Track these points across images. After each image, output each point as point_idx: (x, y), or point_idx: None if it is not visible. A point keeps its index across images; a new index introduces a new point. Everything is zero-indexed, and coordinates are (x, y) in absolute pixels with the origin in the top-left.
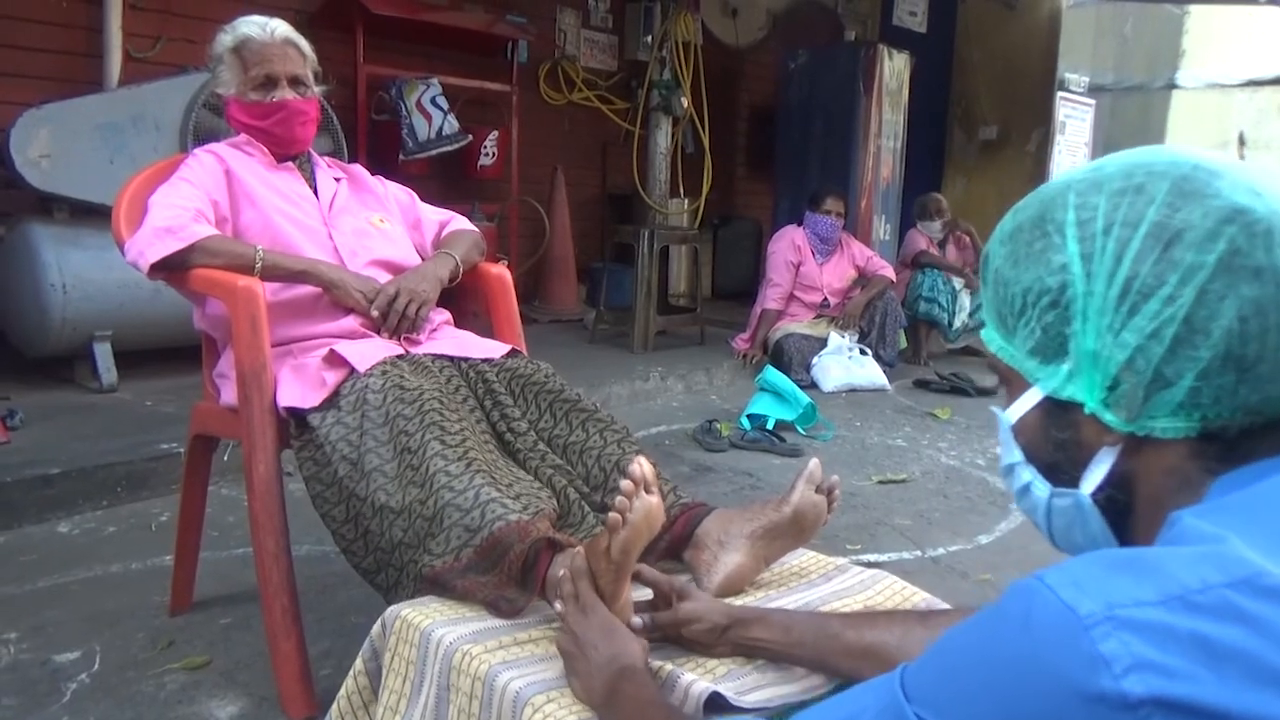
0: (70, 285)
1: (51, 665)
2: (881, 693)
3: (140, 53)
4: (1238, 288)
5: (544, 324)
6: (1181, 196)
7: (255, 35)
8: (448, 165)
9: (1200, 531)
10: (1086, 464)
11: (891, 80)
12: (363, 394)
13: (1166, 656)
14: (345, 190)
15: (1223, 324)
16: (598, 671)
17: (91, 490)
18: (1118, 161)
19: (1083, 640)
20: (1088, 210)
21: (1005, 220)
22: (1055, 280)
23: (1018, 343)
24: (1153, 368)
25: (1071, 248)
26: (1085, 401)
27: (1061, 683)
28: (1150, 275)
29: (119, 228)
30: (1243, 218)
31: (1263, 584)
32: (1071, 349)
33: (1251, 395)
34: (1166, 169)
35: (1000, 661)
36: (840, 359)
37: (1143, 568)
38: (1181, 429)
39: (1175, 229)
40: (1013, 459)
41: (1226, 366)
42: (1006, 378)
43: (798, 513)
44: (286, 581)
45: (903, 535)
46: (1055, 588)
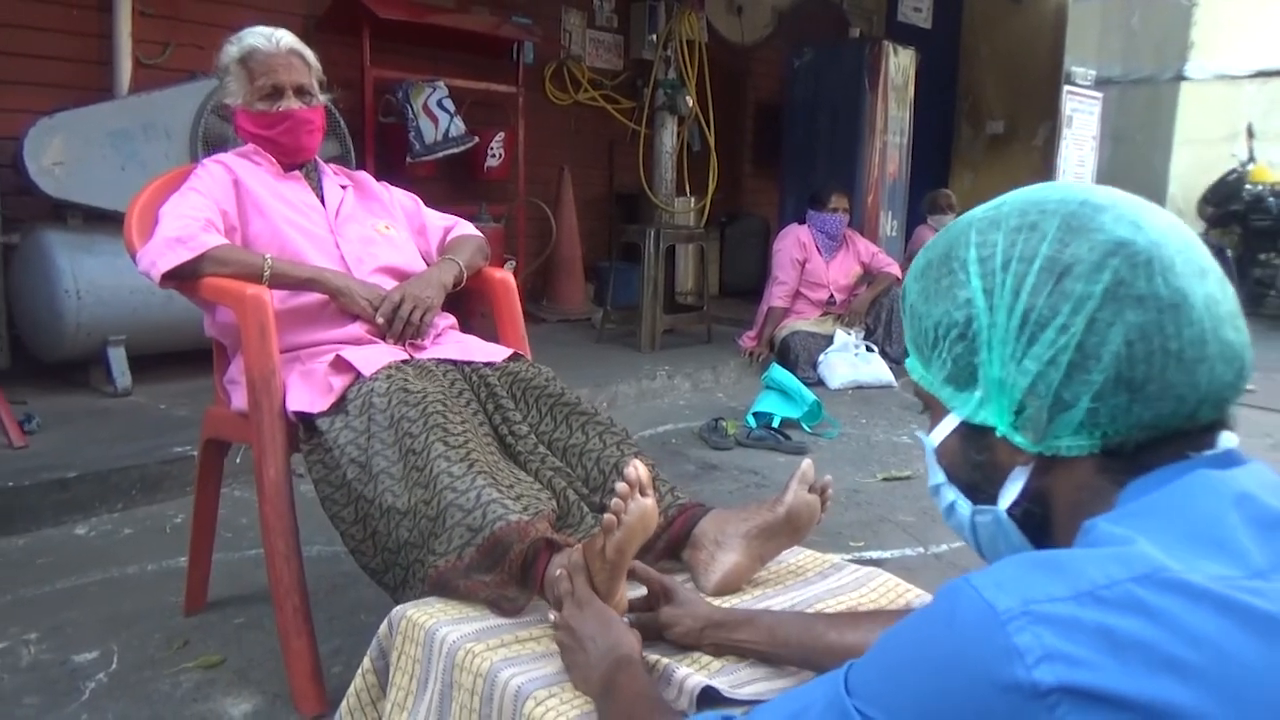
0: (84, 291)
1: (70, 665)
2: (828, 687)
3: (150, 59)
4: (1124, 314)
5: (552, 323)
6: (1070, 232)
7: (261, 46)
8: (455, 167)
9: (1111, 535)
10: (1003, 483)
11: (897, 76)
12: (369, 398)
13: (1073, 647)
14: (351, 198)
15: (1112, 349)
16: (595, 663)
17: (107, 493)
18: (1015, 200)
19: (999, 634)
20: (987, 247)
21: (918, 257)
22: (961, 314)
23: (934, 372)
24: (1052, 392)
25: (975, 283)
26: (996, 425)
27: (981, 674)
28: (1045, 306)
29: (131, 238)
30: (1124, 250)
31: (1163, 578)
32: (980, 377)
33: (1144, 413)
34: (1057, 206)
35: (929, 656)
36: (846, 356)
37: (1057, 567)
38: (1085, 446)
39: (1066, 263)
40: (938, 480)
41: (1119, 388)
42: (929, 404)
43: (792, 512)
44: (297, 582)
45: (905, 532)
46: (979, 587)
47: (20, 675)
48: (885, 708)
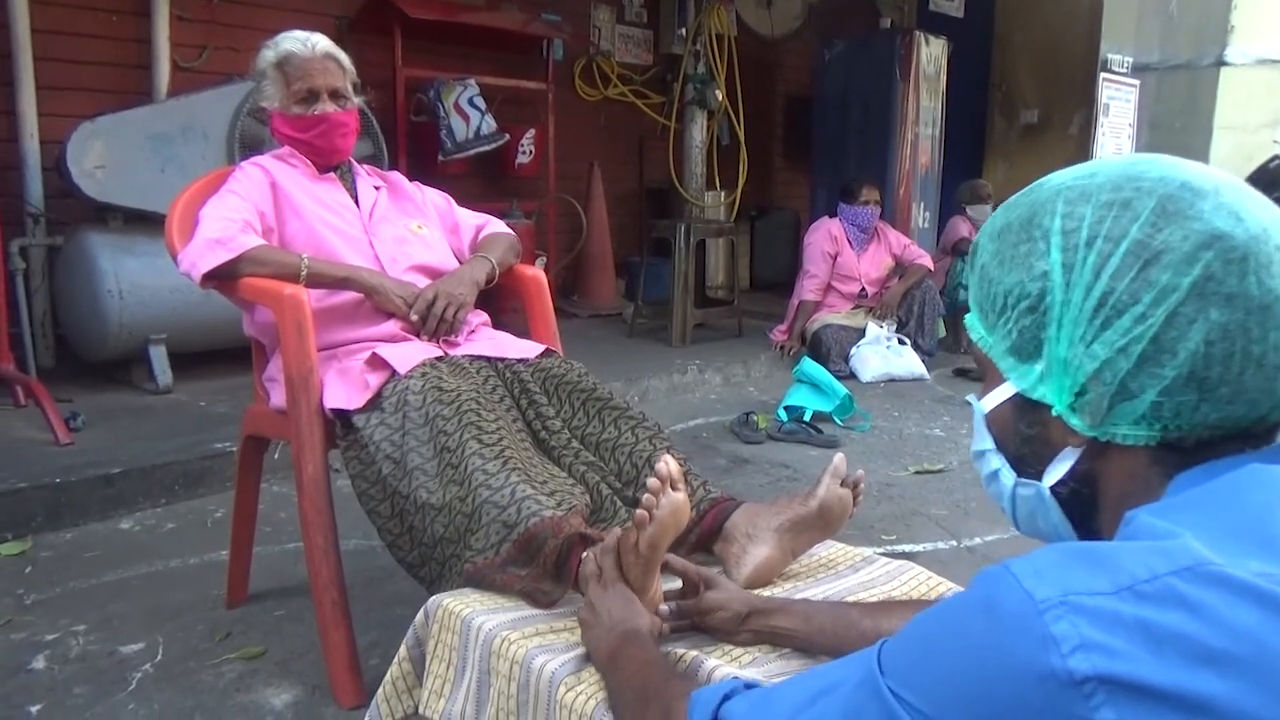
0: (126, 291)
1: (118, 656)
2: (860, 666)
3: (187, 63)
4: (1208, 312)
5: (583, 319)
6: (1165, 216)
7: (297, 51)
8: (486, 164)
9: (1153, 527)
10: (1051, 460)
11: (929, 66)
12: (403, 395)
13: (1111, 638)
14: (385, 199)
15: (1190, 346)
16: (606, 636)
17: (151, 488)
18: (1109, 170)
19: (1037, 623)
20: (1074, 220)
21: (996, 215)
22: (1036, 286)
23: (996, 338)
24: (1119, 380)
25: (1054, 256)
26: (1054, 404)
27: (1016, 661)
28: (1126, 292)
29: (172, 239)
30: (1220, 243)
31: (1204, 571)
32: (1045, 353)
33: (1212, 414)
34: (1154, 185)
35: (965, 640)
36: (878, 349)
37: (1099, 560)
38: (1142, 438)
39: (1155, 249)
40: (984, 446)
41: (1189, 386)
42: (984, 367)
43: (824, 506)
44: (335, 576)
45: (939, 525)
46: (1019, 575)
47: (70, 666)
48: (919, 690)
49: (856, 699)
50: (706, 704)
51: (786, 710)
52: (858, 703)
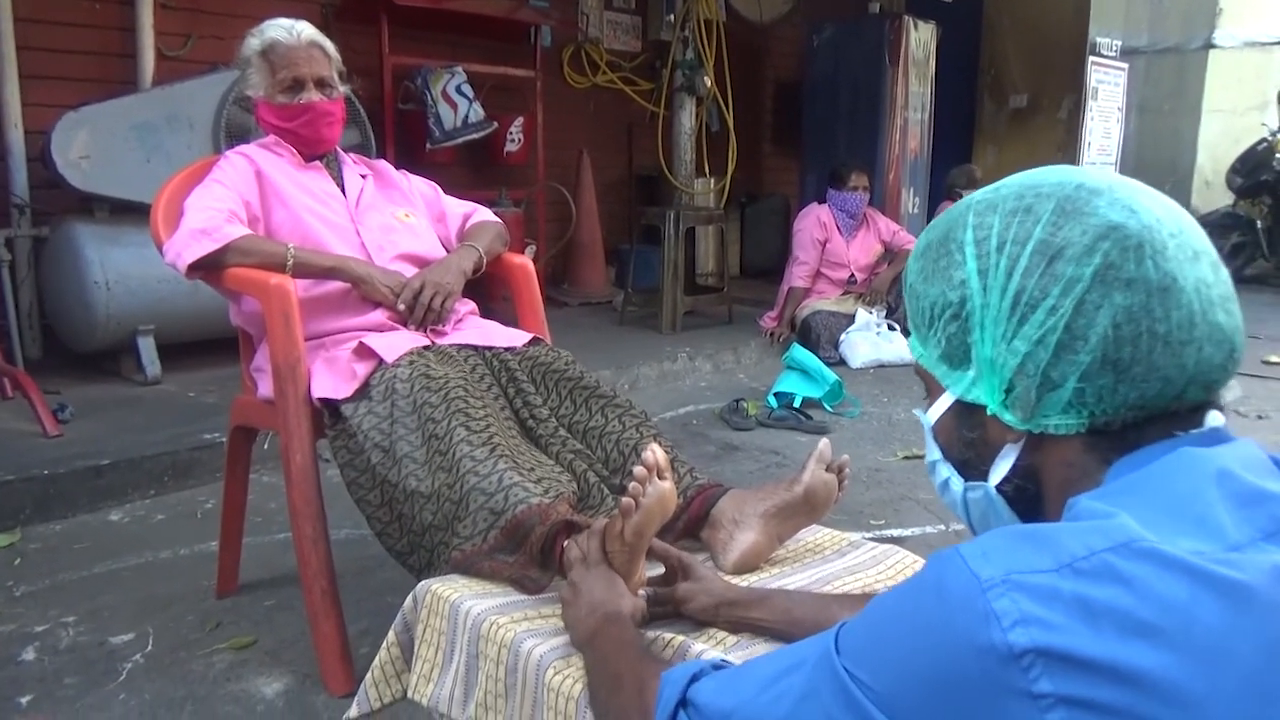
0: (113, 282)
1: (108, 646)
2: (820, 646)
3: (172, 51)
4: (1112, 297)
5: (573, 307)
6: (1064, 215)
7: (282, 39)
8: (474, 152)
9: (1093, 510)
10: (994, 459)
11: (918, 51)
12: (391, 384)
13: (1049, 613)
14: (371, 187)
15: (1099, 331)
16: (585, 616)
17: (140, 480)
18: (1012, 183)
19: (980, 600)
20: (984, 229)
21: (920, 238)
22: (956, 294)
23: (930, 350)
24: (1041, 371)
25: (970, 264)
26: (987, 404)
27: (959, 636)
28: (1036, 288)
29: (157, 230)
30: (1116, 234)
31: (1138, 548)
32: (973, 356)
33: (1130, 393)
34: (1053, 190)
35: (914, 620)
36: (868, 335)
37: (1041, 540)
38: (1073, 425)
39: (1058, 245)
40: (934, 456)
41: (1105, 369)
42: (927, 382)
43: (809, 491)
44: (325, 565)
45: (927, 510)
46: (966, 557)
47: (60, 657)
48: (870, 668)
49: (814, 678)
50: (676, 682)
51: (751, 688)
52: (816, 681)
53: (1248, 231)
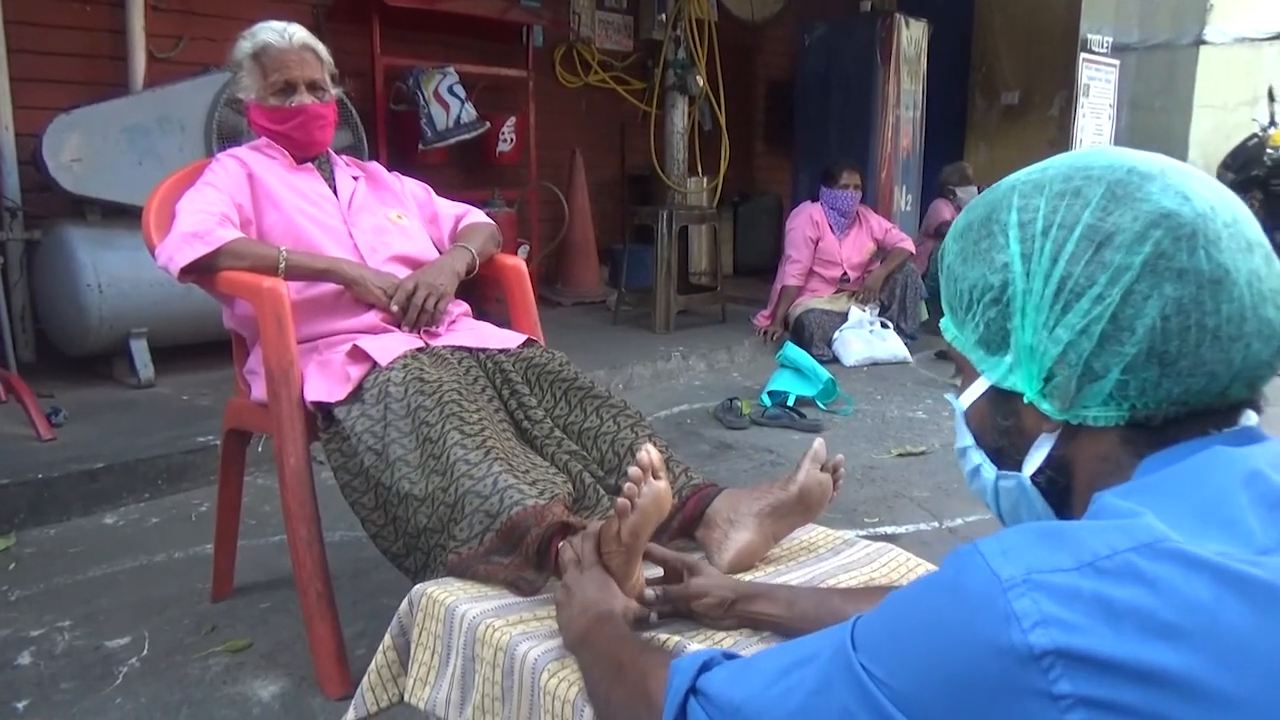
0: (106, 285)
1: (104, 650)
2: (835, 639)
3: (163, 53)
4: (1161, 288)
5: (567, 307)
6: (1114, 200)
7: (274, 42)
8: (467, 153)
9: (1117, 508)
10: (1028, 449)
11: (910, 49)
12: (385, 387)
13: (1070, 614)
14: (363, 188)
15: (1146, 322)
16: (578, 616)
17: (134, 483)
18: (1060, 164)
19: (1000, 600)
20: (1029, 212)
21: (959, 218)
22: (998, 278)
23: (967, 334)
24: (1083, 361)
25: (1013, 248)
26: (1025, 391)
27: (979, 636)
28: (1082, 275)
29: (149, 233)
30: (1169, 221)
31: (1162, 548)
32: (1012, 343)
33: (1174, 388)
34: (1103, 173)
35: (932, 618)
36: (861, 333)
37: (1063, 538)
38: (1112, 418)
39: (1106, 232)
40: (965, 443)
41: (1150, 361)
42: (960, 365)
43: (804, 490)
44: (320, 568)
45: (921, 507)
46: (986, 555)
47: (56, 661)
48: (887, 665)
49: (829, 672)
50: (686, 671)
51: (763, 679)
52: (830, 675)
53: None
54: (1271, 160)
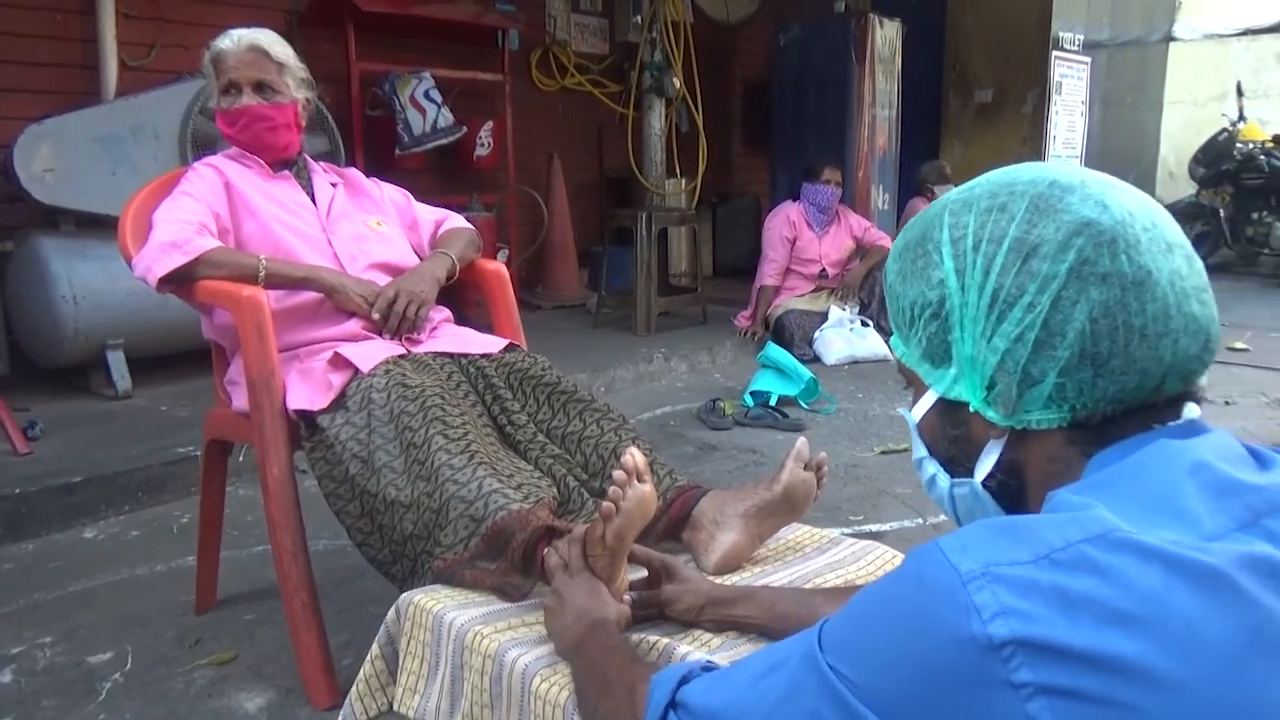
0: (80, 296)
1: (86, 666)
2: (804, 642)
3: (135, 61)
4: (1088, 293)
5: (547, 310)
6: (1038, 213)
7: (225, 46)
8: (444, 158)
9: (1070, 503)
10: (978, 456)
11: (884, 49)
12: (368, 394)
13: (1028, 604)
14: (342, 195)
15: (1076, 326)
16: (571, 624)
17: (113, 496)
18: (986, 182)
19: (961, 593)
20: (959, 229)
21: (898, 238)
22: (935, 294)
23: (912, 349)
24: (1020, 368)
25: (947, 264)
26: (970, 400)
27: (941, 629)
28: (1013, 286)
29: (125, 244)
30: (1089, 229)
31: (1115, 538)
32: (954, 355)
33: (1109, 387)
34: (1026, 188)
35: (895, 614)
36: (842, 332)
37: (1019, 532)
38: (1053, 420)
39: (1033, 243)
40: (920, 453)
41: (1084, 363)
42: (910, 380)
43: (788, 490)
44: (305, 577)
45: (904, 504)
46: (946, 551)
47: (38, 678)
48: (852, 662)
49: (799, 674)
50: (665, 684)
51: (739, 686)
52: (800, 677)
53: (1211, 220)
54: (1241, 154)
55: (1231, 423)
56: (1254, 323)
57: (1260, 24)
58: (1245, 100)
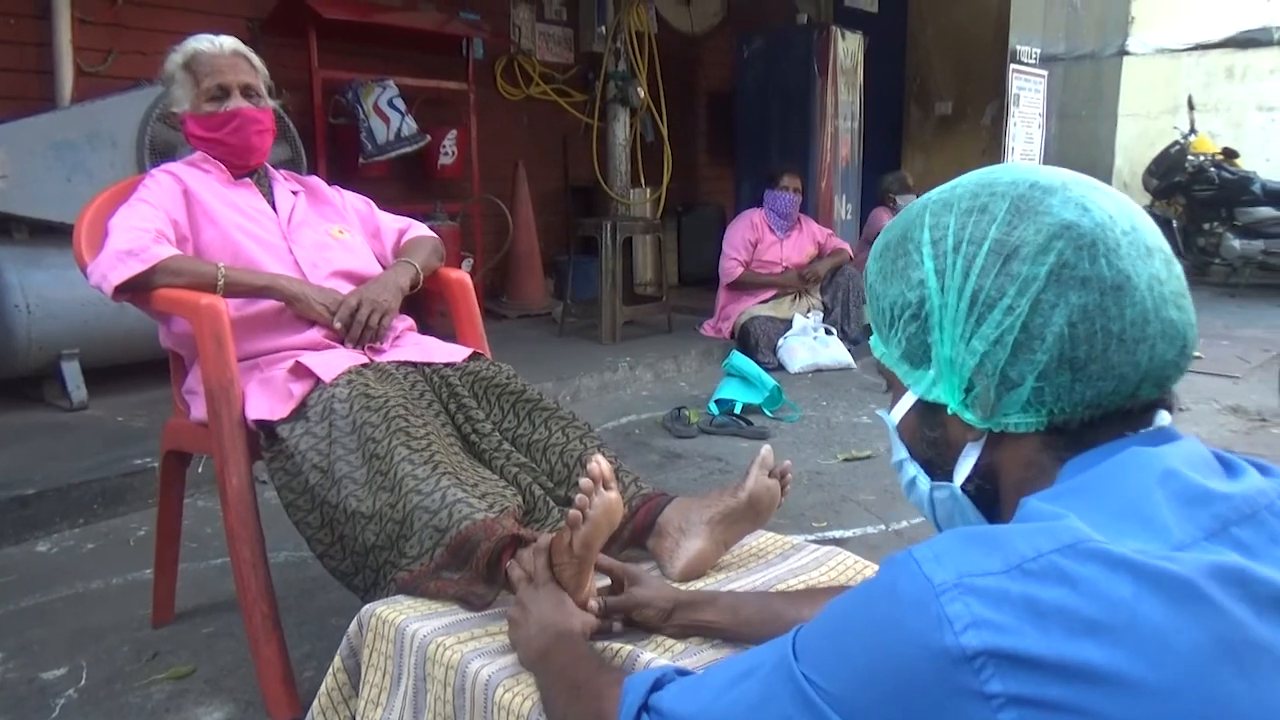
0: (34, 305)
1: (39, 683)
2: (777, 651)
3: (92, 67)
4: (1067, 296)
5: (512, 319)
6: (1018, 214)
7: (205, 49)
8: (408, 166)
9: (1041, 511)
10: (956, 459)
11: (846, 60)
12: (329, 403)
13: (999, 615)
14: (303, 203)
15: (1055, 330)
16: (536, 635)
17: (68, 509)
18: (968, 182)
19: (934, 604)
20: (940, 230)
21: (879, 238)
22: (915, 295)
23: (891, 350)
24: (999, 371)
25: (928, 265)
26: (948, 403)
27: (915, 640)
28: (993, 288)
29: (80, 251)
30: (1070, 232)
31: (1084, 548)
32: (933, 356)
33: (1087, 391)
34: (1007, 189)
35: (868, 624)
36: (805, 340)
37: (992, 542)
38: (1032, 424)
39: (1013, 245)
40: (900, 455)
41: (1062, 367)
42: (889, 381)
43: (753, 497)
44: (265, 589)
45: (867, 510)
46: (919, 561)
47: None
48: (827, 672)
49: (772, 681)
50: (638, 688)
51: (712, 692)
52: (773, 685)
53: (1164, 230)
54: (1193, 166)
55: (1185, 429)
56: (1206, 331)
57: (1210, 39)
58: (1196, 114)
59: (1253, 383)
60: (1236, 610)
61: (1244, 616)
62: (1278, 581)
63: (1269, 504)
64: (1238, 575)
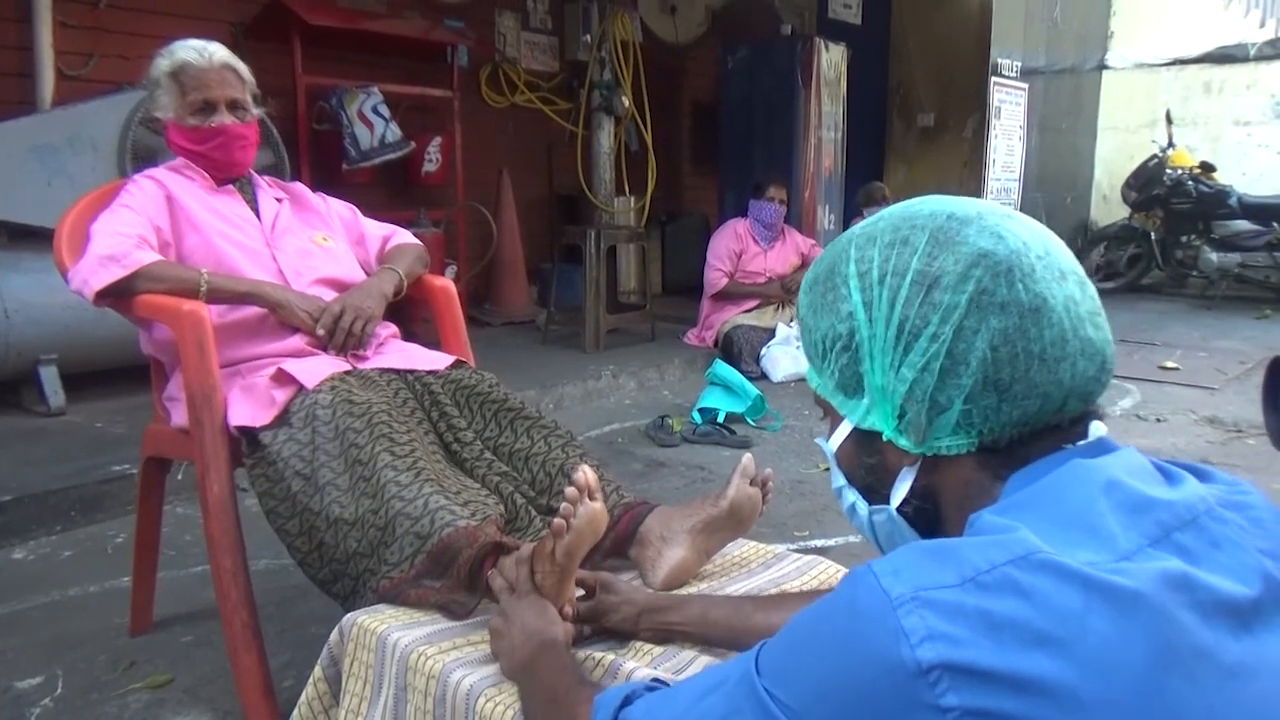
0: (13, 310)
1: (13, 692)
2: (742, 665)
3: (73, 71)
4: (987, 321)
5: (496, 327)
6: (937, 245)
7: (193, 60)
8: (392, 173)
9: (994, 525)
10: (893, 483)
11: (829, 72)
12: (312, 410)
13: (954, 628)
14: (287, 210)
15: (978, 354)
16: (519, 645)
17: (45, 515)
18: (889, 216)
19: (890, 618)
20: (865, 263)
21: (809, 272)
22: (845, 326)
23: (826, 380)
24: (928, 396)
25: (855, 297)
26: (883, 429)
27: (873, 653)
28: (917, 317)
29: (61, 256)
30: (986, 260)
31: (1036, 559)
32: (866, 385)
33: (1013, 411)
34: (926, 221)
35: (828, 638)
36: (788, 349)
37: (947, 556)
38: (963, 445)
39: (934, 275)
40: (839, 483)
41: (987, 390)
42: (826, 410)
43: (735, 506)
44: (245, 597)
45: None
46: (878, 574)
47: None
48: (788, 686)
49: (736, 696)
50: (608, 706)
51: (680, 707)
52: (737, 700)
53: (1143, 243)
54: (1171, 180)
55: (1163, 439)
56: (1183, 342)
57: (1188, 54)
58: (1174, 128)
59: (1229, 394)
60: (1183, 617)
61: (1190, 623)
62: (1219, 587)
63: (1208, 509)
64: (1183, 581)
